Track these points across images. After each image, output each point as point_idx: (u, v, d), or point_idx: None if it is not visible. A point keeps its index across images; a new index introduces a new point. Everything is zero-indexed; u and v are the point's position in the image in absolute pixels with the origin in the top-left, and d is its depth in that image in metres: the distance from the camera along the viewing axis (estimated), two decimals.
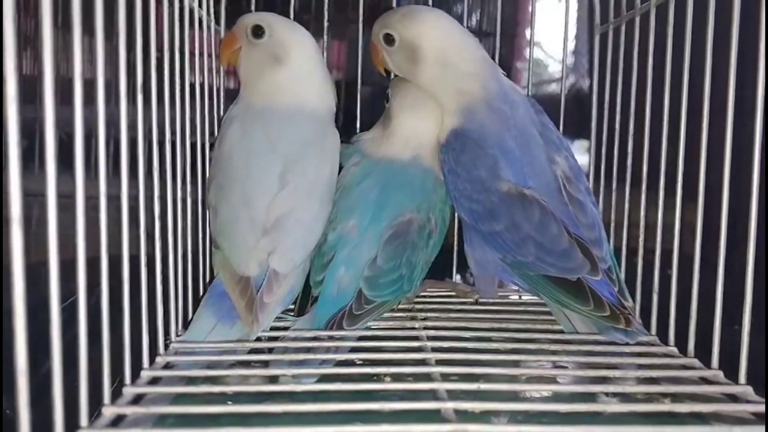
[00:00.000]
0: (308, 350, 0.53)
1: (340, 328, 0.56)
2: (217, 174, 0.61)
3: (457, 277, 0.79)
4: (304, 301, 0.60)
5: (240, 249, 0.56)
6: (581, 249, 0.56)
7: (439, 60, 0.62)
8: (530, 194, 0.58)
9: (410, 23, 0.62)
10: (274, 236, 0.56)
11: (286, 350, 0.53)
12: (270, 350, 0.53)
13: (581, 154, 0.64)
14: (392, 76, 0.68)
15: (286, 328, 0.58)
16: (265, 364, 0.52)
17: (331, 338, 0.55)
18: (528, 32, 0.84)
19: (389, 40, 0.63)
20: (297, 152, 0.59)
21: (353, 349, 0.55)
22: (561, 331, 0.59)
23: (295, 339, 0.55)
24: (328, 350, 0.53)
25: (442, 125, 0.63)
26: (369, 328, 0.58)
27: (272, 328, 0.58)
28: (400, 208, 0.61)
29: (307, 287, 0.61)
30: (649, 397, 0.51)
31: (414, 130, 0.64)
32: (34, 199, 0.35)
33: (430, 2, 0.76)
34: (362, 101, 0.77)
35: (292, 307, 0.61)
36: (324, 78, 0.64)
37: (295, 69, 0.62)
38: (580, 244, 0.56)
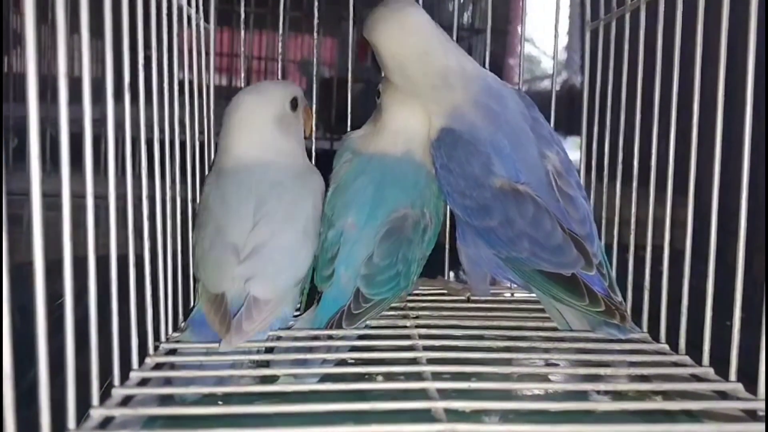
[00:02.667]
0: (309, 350, 0.52)
1: (339, 327, 0.55)
2: (197, 219, 0.62)
3: (449, 275, 0.79)
4: (310, 299, 0.60)
5: (214, 271, 0.56)
6: (575, 244, 0.56)
7: (397, 72, 0.62)
8: (524, 190, 0.57)
9: (372, 30, 0.61)
10: (251, 263, 0.55)
11: (287, 350, 0.53)
12: (270, 350, 0.53)
13: (573, 150, 0.64)
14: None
15: (287, 327, 0.57)
16: (259, 364, 0.52)
17: (330, 338, 0.55)
18: (520, 28, 0.83)
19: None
20: (270, 190, 0.59)
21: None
22: (553, 329, 0.59)
23: (296, 339, 0.55)
24: (328, 350, 0.53)
25: (432, 123, 0.63)
26: (368, 327, 0.58)
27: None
28: (396, 205, 0.61)
29: (311, 287, 0.61)
30: (641, 395, 0.51)
31: (404, 124, 0.64)
32: (26, 198, 0.35)
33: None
34: (353, 98, 0.77)
35: (298, 306, 0.61)
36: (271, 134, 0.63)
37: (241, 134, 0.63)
38: (574, 240, 0.56)
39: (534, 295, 0.64)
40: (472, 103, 0.61)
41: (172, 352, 0.52)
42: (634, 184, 0.62)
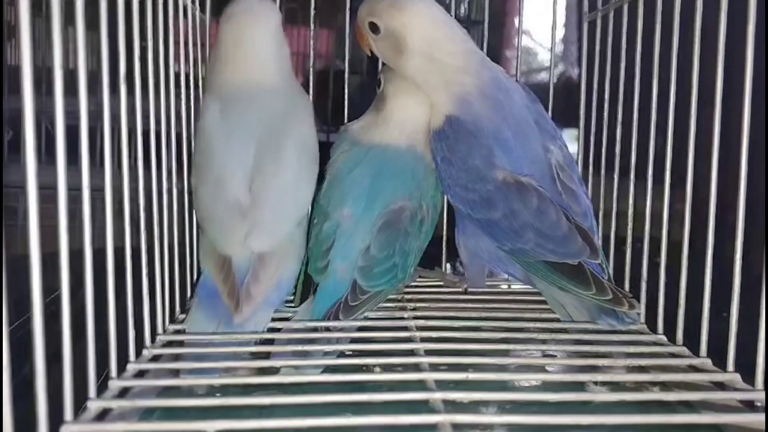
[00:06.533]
0: (310, 342, 0.52)
1: (337, 320, 0.55)
2: (196, 156, 0.60)
3: (446, 267, 0.79)
4: (305, 291, 0.60)
5: (219, 228, 0.56)
6: (580, 233, 0.56)
7: (425, 53, 0.60)
8: (527, 181, 0.57)
9: (396, 13, 0.60)
10: (250, 215, 0.55)
11: (287, 342, 0.53)
12: (270, 342, 0.53)
13: (570, 142, 0.64)
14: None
15: (285, 319, 0.57)
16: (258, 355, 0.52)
17: (327, 330, 0.55)
18: (517, 20, 0.83)
19: (374, 28, 0.61)
20: (268, 127, 0.58)
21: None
22: (550, 320, 0.59)
23: (295, 331, 0.55)
24: (329, 341, 0.53)
25: (435, 112, 0.62)
26: (366, 318, 0.58)
27: (271, 320, 0.57)
28: (393, 196, 0.60)
29: (306, 277, 0.61)
30: (638, 386, 0.51)
31: (410, 114, 0.63)
32: (21, 191, 0.34)
33: None
34: (350, 90, 0.77)
35: (292, 297, 0.61)
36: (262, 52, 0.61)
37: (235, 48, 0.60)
38: (579, 229, 0.56)
39: (531, 287, 0.64)
40: (480, 93, 0.60)
41: (170, 343, 0.52)
42: (632, 176, 0.62)
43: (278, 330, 0.55)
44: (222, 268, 0.54)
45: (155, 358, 0.49)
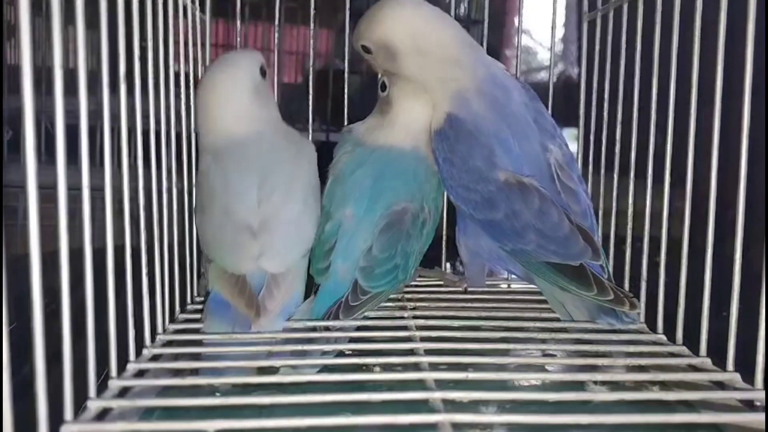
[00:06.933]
0: (309, 341, 0.53)
1: (336, 319, 0.55)
2: (197, 203, 0.61)
3: (446, 267, 0.79)
4: (306, 291, 0.60)
5: (230, 250, 0.56)
6: (582, 235, 0.56)
7: (415, 48, 0.61)
8: (529, 182, 0.57)
9: (376, 27, 0.62)
10: (261, 239, 0.55)
11: (286, 341, 0.53)
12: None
13: (570, 141, 0.64)
14: None
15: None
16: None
17: (327, 329, 0.55)
18: (516, 20, 0.83)
19: (366, 49, 0.64)
20: (269, 165, 0.59)
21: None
22: (550, 319, 0.59)
23: (294, 330, 0.55)
24: (327, 341, 0.53)
25: (435, 112, 0.63)
26: (366, 318, 0.58)
27: None
28: (395, 197, 0.61)
29: (307, 278, 0.61)
30: (638, 385, 0.51)
31: (415, 116, 0.64)
32: (21, 190, 0.34)
33: None
34: (350, 90, 0.77)
35: None
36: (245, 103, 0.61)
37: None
38: (580, 230, 0.56)
39: (531, 285, 0.64)
40: (477, 91, 0.60)
41: (170, 343, 0.52)
42: (632, 175, 0.62)
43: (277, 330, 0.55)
44: (236, 284, 0.54)
45: (155, 358, 0.49)
